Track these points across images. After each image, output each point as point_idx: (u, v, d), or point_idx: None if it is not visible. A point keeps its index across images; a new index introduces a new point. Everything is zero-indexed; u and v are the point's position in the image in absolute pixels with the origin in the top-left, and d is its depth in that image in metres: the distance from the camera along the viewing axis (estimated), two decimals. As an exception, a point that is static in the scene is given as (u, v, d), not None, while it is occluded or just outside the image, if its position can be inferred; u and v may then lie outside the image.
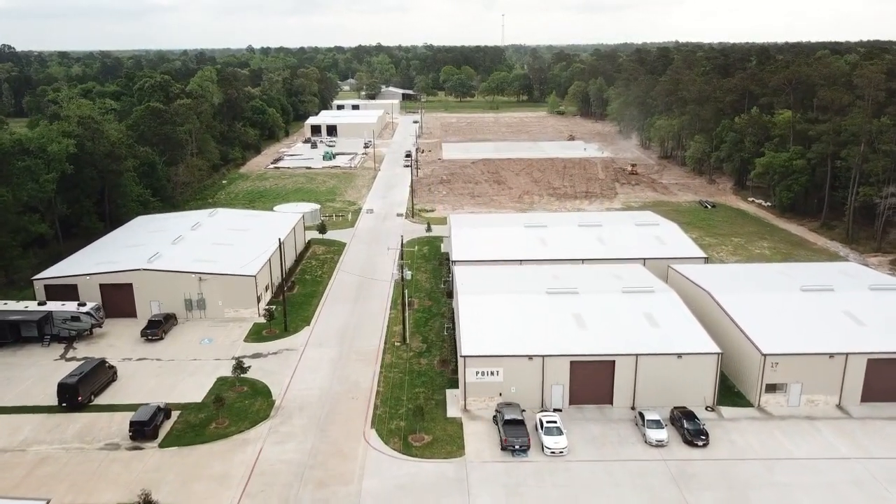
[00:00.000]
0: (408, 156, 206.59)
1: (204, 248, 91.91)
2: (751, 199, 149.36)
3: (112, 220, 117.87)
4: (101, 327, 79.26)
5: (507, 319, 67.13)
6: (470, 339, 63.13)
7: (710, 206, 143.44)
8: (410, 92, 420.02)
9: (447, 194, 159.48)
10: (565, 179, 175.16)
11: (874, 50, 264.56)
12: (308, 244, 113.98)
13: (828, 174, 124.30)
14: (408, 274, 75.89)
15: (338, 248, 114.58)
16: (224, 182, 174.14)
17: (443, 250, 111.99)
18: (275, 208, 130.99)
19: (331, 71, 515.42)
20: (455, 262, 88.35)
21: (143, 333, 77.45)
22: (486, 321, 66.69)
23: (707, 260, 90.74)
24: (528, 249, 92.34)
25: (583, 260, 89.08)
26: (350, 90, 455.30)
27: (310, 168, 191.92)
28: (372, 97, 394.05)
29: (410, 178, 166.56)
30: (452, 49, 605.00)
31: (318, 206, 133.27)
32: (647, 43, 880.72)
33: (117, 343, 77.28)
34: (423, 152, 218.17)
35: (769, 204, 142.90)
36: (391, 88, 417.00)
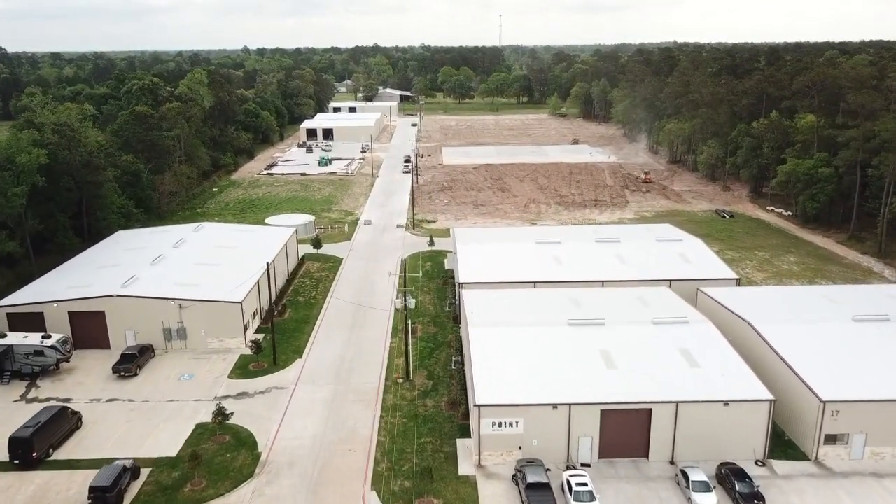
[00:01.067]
0: (407, 161, 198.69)
1: (186, 269, 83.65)
2: (770, 207, 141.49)
3: (92, 234, 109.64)
4: (68, 362, 70.99)
5: (526, 358, 58.99)
6: (484, 385, 54.98)
7: (727, 216, 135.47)
8: (408, 93, 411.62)
9: (449, 203, 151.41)
10: (572, 186, 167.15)
11: None
12: (302, 260, 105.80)
13: (857, 183, 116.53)
14: (411, 302, 67.86)
15: (334, 264, 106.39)
16: (214, 190, 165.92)
17: (447, 267, 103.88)
18: (266, 220, 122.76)
19: (327, 72, 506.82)
20: (462, 284, 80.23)
21: (115, 369, 69.15)
22: (501, 360, 58.54)
23: (738, 282, 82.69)
24: (541, 269, 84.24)
25: (602, 282, 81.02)
26: (347, 92, 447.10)
27: (305, 174, 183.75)
28: (369, 99, 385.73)
29: (410, 186, 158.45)
30: (451, 50, 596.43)
31: (312, 218, 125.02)
32: (644, 43, 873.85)
33: (86, 380, 69.01)
34: (422, 157, 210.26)
35: (790, 213, 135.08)
36: (388, 90, 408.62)
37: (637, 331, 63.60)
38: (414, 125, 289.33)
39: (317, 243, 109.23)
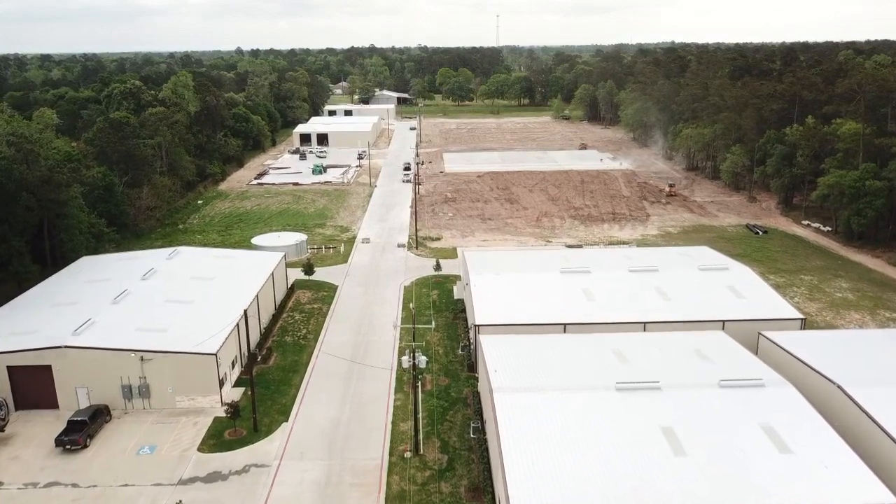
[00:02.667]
0: (407, 169, 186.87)
1: (154, 308, 71.13)
2: (805, 222, 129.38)
3: (55, 258, 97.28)
4: (3, 430, 58.57)
5: (571, 440, 46.57)
6: (521, 485, 42.52)
7: (761, 232, 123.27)
8: (406, 95, 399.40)
9: (454, 216, 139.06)
10: (586, 197, 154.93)
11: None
12: (291, 289, 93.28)
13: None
14: (422, 361, 55.51)
15: (327, 292, 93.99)
16: (199, 202, 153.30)
17: (456, 296, 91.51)
18: (253, 240, 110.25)
19: (322, 73, 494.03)
20: (479, 327, 67.93)
21: (59, 441, 56.61)
22: (539, 445, 46.12)
23: (804, 322, 70.49)
24: (571, 307, 71.94)
25: (644, 324, 68.80)
26: (343, 94, 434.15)
27: (297, 184, 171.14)
28: (365, 101, 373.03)
29: (411, 197, 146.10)
30: (448, 50, 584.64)
31: (304, 238, 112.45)
32: (641, 43, 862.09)
33: (23, 454, 56.50)
34: (422, 164, 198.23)
35: (829, 229, 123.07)
36: (385, 92, 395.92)
37: (702, 398, 51.28)
38: (413, 129, 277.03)
39: (309, 269, 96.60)
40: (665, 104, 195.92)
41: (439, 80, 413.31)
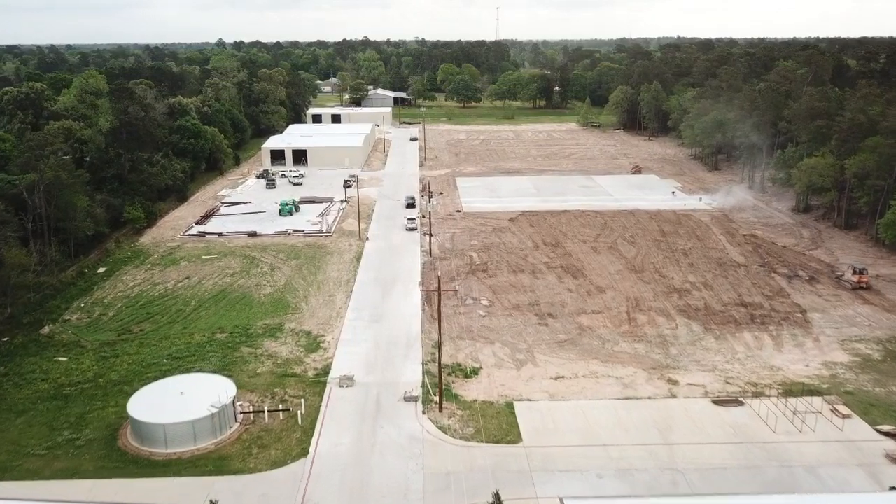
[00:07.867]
0: (410, 205, 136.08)
1: None
2: None
3: None
4: None
5: None
6: None
7: None
8: (404, 95, 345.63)
9: (491, 307, 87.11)
10: (683, 265, 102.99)
11: None
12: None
13: None
14: None
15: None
16: (100, 271, 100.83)
17: None
18: (130, 407, 57.68)
19: (310, 69, 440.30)
20: None
21: None
22: None
23: None
24: None
25: None
26: (332, 92, 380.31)
27: (255, 234, 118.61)
28: (357, 103, 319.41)
29: (421, 261, 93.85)
30: (449, 44, 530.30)
31: (230, 394, 59.58)
32: (646, 38, 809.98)
33: None
34: (431, 195, 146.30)
35: None
36: (380, 91, 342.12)
37: None
38: (414, 140, 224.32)
39: (215, 522, 44.08)
40: (763, 119, 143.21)
41: (441, 77, 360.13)
